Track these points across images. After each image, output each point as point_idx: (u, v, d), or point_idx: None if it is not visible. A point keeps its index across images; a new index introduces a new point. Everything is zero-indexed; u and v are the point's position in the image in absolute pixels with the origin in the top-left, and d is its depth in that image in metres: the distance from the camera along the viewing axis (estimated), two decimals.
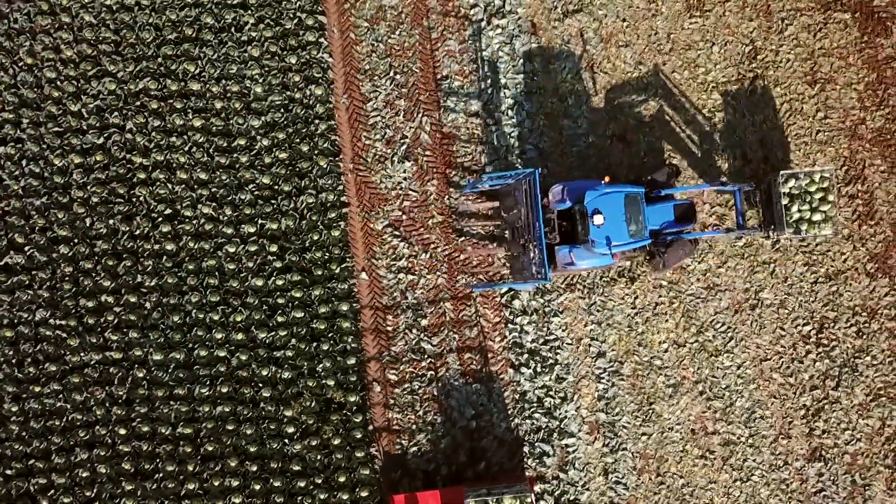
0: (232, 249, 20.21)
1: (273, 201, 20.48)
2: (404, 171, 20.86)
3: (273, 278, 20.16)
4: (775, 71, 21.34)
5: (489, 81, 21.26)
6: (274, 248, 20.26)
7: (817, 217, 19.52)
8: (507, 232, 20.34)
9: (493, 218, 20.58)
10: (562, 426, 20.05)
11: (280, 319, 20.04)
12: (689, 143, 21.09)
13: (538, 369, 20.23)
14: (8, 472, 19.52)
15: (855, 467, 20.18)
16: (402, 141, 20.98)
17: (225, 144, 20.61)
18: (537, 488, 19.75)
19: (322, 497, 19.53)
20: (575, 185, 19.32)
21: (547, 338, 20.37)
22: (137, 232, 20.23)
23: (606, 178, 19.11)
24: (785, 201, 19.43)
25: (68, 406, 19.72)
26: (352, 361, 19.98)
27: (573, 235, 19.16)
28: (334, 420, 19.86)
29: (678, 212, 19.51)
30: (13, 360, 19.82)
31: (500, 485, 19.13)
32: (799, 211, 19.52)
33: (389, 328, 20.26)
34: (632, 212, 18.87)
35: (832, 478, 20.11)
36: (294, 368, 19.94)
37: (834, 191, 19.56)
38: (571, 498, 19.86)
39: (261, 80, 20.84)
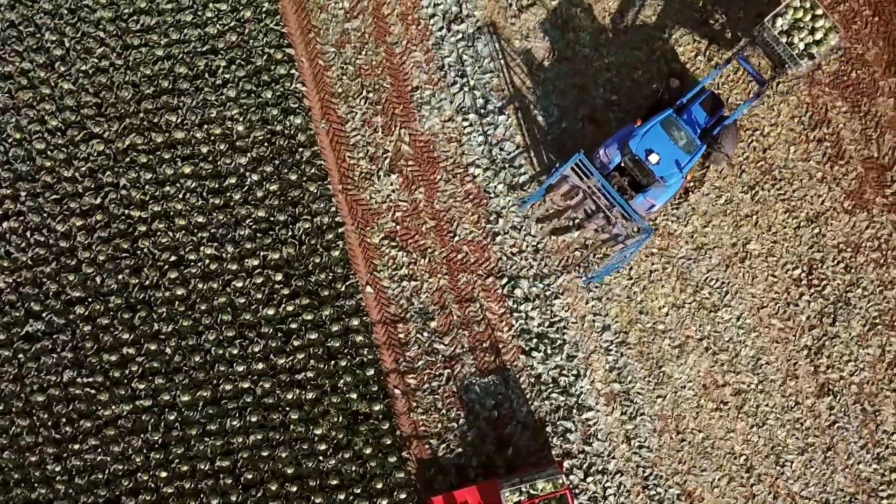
0: (239, 284, 21.01)
1: (271, 232, 21.29)
2: (391, 184, 21.68)
3: (283, 305, 20.98)
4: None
5: (458, 85, 22.08)
6: (279, 277, 21.07)
7: (819, 35, 20.02)
8: (577, 219, 21.15)
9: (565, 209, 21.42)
10: (579, 402, 20.88)
11: (296, 343, 20.85)
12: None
13: (548, 351, 21.05)
14: None
15: (863, 396, 21.05)
16: (384, 155, 21.80)
17: (217, 185, 21.42)
18: (566, 464, 20.58)
19: None
20: (612, 141, 20.34)
21: (552, 320, 21.20)
22: (147, 282, 21.01)
23: (638, 121, 20.05)
24: (785, 39, 20.01)
25: (108, 458, 20.46)
26: (370, 372, 20.80)
27: (638, 184, 20.10)
28: (363, 431, 20.67)
29: (707, 107, 20.52)
30: (49, 423, 20.57)
31: (531, 472, 19.96)
32: (801, 40, 20.02)
33: (401, 336, 21.08)
34: (675, 133, 19.76)
35: (843, 409, 20.97)
36: (317, 388, 20.75)
37: (819, 4, 20.12)
38: (599, 468, 20.68)
39: (241, 119, 21.66)
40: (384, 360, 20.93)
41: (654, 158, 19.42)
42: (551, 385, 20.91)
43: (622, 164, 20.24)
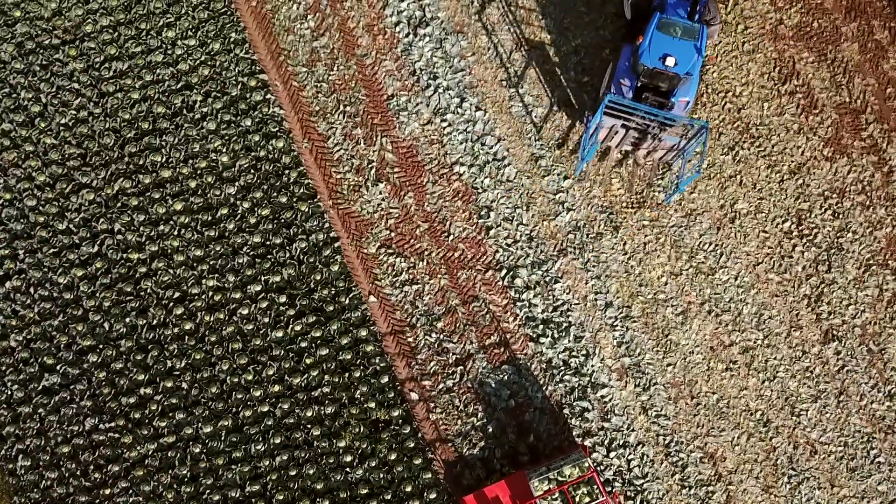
0: (245, 311, 21.33)
1: (269, 256, 21.60)
2: (380, 193, 22.00)
3: (291, 326, 21.29)
4: None
5: (432, 87, 22.40)
6: (283, 299, 21.38)
7: None
8: (626, 152, 21.75)
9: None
10: (592, 380, 21.22)
11: (308, 361, 21.17)
12: None
13: (556, 335, 21.39)
14: None
15: (867, 337, 21.43)
16: (370, 166, 22.12)
17: (210, 218, 21.72)
18: (587, 443, 20.92)
19: None
20: (619, 72, 20.86)
21: (555, 304, 21.53)
22: (154, 322, 21.31)
23: (639, 38, 20.52)
24: None
25: (140, 499, 20.77)
26: (385, 380, 21.13)
27: (664, 92, 20.56)
28: (385, 438, 20.99)
29: None
30: (77, 472, 20.86)
31: (557, 458, 20.29)
32: None
33: (410, 340, 21.39)
34: (674, 30, 20.29)
35: (849, 352, 21.35)
36: (335, 402, 21.07)
37: None
38: (621, 442, 21.03)
39: (224, 150, 21.97)
40: (397, 366, 21.26)
41: (671, 62, 19.98)
42: (563, 368, 21.25)
43: (640, 85, 20.69)
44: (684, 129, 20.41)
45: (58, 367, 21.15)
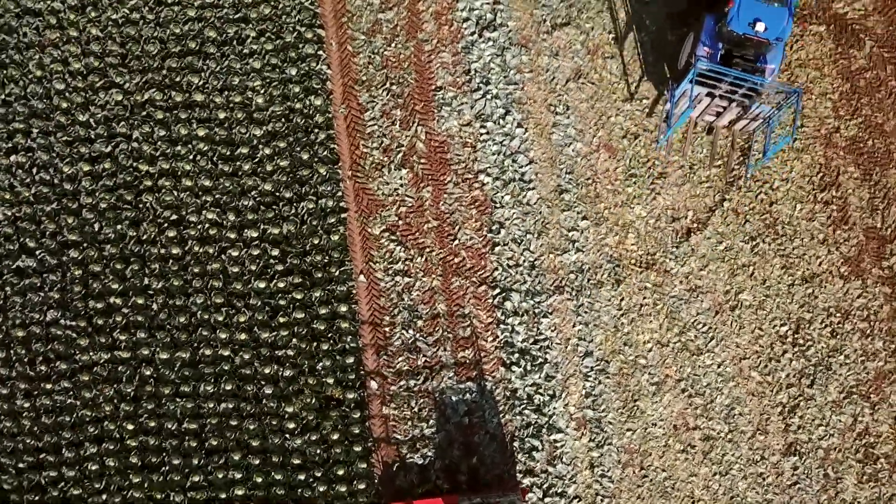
0: (235, 253, 21.12)
1: (275, 207, 21.39)
2: (400, 178, 21.79)
3: (275, 281, 21.08)
4: None
5: (482, 92, 22.20)
6: (276, 252, 21.18)
7: None
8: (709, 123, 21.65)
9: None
10: (550, 422, 21.02)
11: (282, 320, 20.96)
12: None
13: (528, 368, 21.19)
14: (20, 465, 20.31)
15: (828, 461, 21.22)
16: (398, 149, 21.92)
17: (228, 153, 21.51)
18: (526, 481, 20.72)
19: (321, 489, 20.42)
20: (705, 35, 20.50)
21: (537, 338, 21.33)
22: (144, 237, 21.09)
23: (730, 3, 20.08)
24: None
25: (78, 403, 20.54)
26: (350, 360, 20.92)
27: (754, 58, 20.30)
28: (333, 416, 20.78)
29: None
30: (25, 359, 20.62)
31: (492, 493, 20.06)
32: None
33: (386, 329, 21.19)
34: None
35: (806, 471, 21.14)
36: (295, 367, 20.86)
37: None
38: (559, 490, 20.83)
39: (262, 92, 21.75)
40: (366, 351, 21.04)
41: (761, 27, 19.71)
42: (525, 401, 21.05)
43: (724, 53, 20.39)
44: (770, 96, 20.14)
45: (37, 252, 20.93)
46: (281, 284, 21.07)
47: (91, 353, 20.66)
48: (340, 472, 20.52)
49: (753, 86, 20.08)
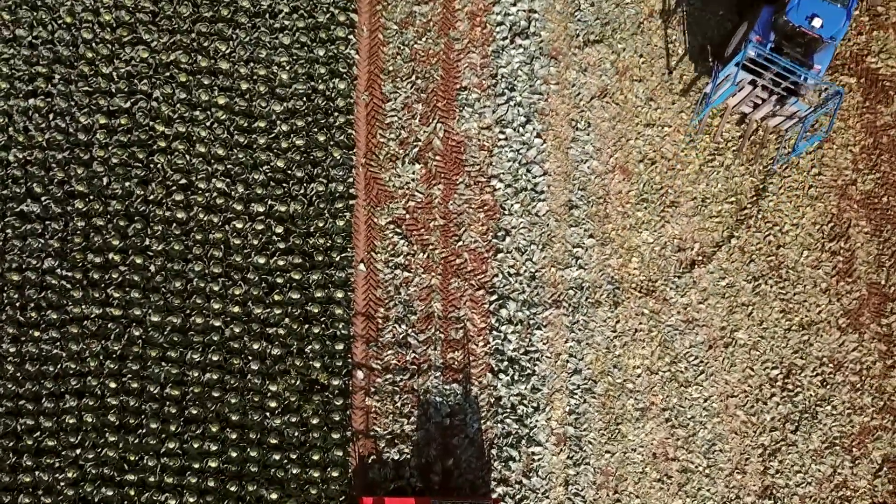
0: (239, 225, 21.04)
1: (284, 184, 21.32)
2: (413, 173, 21.73)
3: (275, 258, 21.01)
4: None
5: (506, 97, 22.14)
6: (280, 230, 21.11)
7: None
8: (743, 110, 21.50)
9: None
10: (531, 434, 20.96)
11: (277, 298, 20.89)
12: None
13: (515, 377, 21.13)
14: None
15: None
16: (414, 143, 21.86)
17: (245, 124, 21.44)
18: (500, 490, 20.65)
19: (294, 472, 20.35)
20: (759, 25, 20.22)
21: (528, 348, 21.27)
22: (151, 197, 21.01)
23: None
24: None
25: (64, 354, 20.46)
26: (340, 347, 20.85)
27: (804, 54, 20.01)
28: (316, 400, 20.71)
29: None
30: (17, 304, 20.54)
31: (465, 498, 20.07)
32: None
33: (379, 321, 21.12)
34: None
35: None
36: (284, 346, 20.79)
37: None
38: (531, 503, 20.77)
39: (287, 68, 21.68)
40: (357, 340, 20.97)
41: (817, 23, 19.46)
42: (509, 411, 20.98)
43: (775, 46, 20.15)
44: (809, 95, 19.80)
45: (42, 199, 20.84)
46: (280, 262, 21.01)
47: (83, 307, 20.56)
48: (315, 457, 20.44)
49: (797, 80, 19.86)
